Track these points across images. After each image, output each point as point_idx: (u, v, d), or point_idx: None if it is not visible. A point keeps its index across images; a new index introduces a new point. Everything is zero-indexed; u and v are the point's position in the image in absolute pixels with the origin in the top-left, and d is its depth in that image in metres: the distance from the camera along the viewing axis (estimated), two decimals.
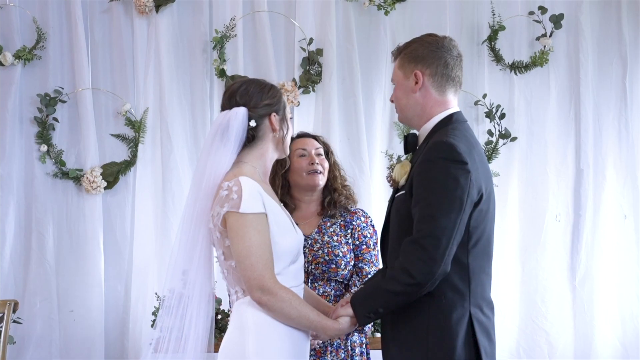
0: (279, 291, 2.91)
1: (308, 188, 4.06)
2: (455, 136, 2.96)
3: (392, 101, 3.21)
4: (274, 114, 3.09)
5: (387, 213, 3.20)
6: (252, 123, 3.05)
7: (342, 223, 4.07)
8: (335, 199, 4.08)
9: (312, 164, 4.04)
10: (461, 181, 2.88)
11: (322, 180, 4.06)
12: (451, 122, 3.07)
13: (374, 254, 4.02)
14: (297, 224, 3.91)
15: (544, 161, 5.62)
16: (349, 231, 4.05)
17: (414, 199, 2.93)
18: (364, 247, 4.03)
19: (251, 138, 3.07)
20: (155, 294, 5.21)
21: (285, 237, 3.03)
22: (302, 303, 2.98)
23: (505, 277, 5.49)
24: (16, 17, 5.61)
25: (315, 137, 4.19)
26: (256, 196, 2.95)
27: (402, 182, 3.07)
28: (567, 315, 5.55)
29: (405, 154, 3.19)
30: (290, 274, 3.05)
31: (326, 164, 4.10)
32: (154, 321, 5.14)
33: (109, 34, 5.69)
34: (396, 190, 3.14)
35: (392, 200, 3.16)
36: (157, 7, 5.57)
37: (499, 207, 5.48)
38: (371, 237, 4.06)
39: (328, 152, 4.17)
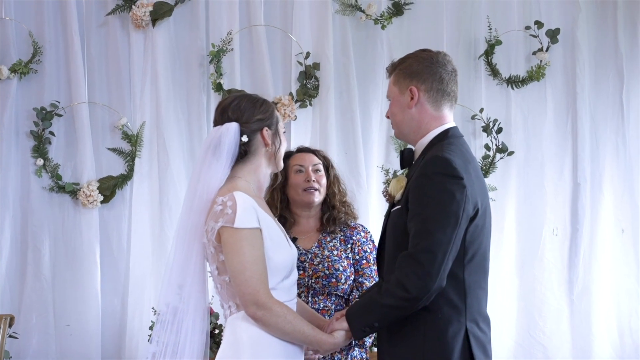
0: (274, 306, 2.91)
1: (304, 205, 4.05)
2: (451, 151, 2.96)
3: (388, 117, 3.21)
4: (266, 128, 3.09)
5: (383, 227, 3.21)
6: (244, 138, 3.05)
7: (342, 238, 4.05)
8: (334, 216, 4.06)
9: (308, 180, 4.02)
10: (457, 196, 2.87)
11: (317, 197, 4.04)
12: (447, 137, 3.06)
13: (374, 269, 3.99)
14: (296, 239, 3.91)
15: (541, 175, 5.63)
16: (349, 246, 4.04)
17: (410, 214, 2.93)
18: (364, 262, 4.01)
19: (244, 153, 3.07)
20: (152, 308, 5.19)
21: (279, 253, 3.02)
22: (297, 318, 2.98)
23: (502, 290, 5.48)
24: (12, 31, 5.60)
25: (315, 152, 4.16)
26: (250, 211, 2.95)
27: (398, 196, 3.07)
28: (564, 330, 5.54)
29: (402, 168, 3.20)
30: (283, 289, 3.04)
31: (323, 181, 4.07)
32: (150, 335, 5.12)
33: (105, 47, 5.68)
34: (392, 204, 3.14)
35: (388, 215, 3.16)
36: (154, 21, 5.57)
37: (496, 221, 5.50)
38: (371, 252, 4.04)
39: (328, 167, 4.14)
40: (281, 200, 4.05)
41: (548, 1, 5.63)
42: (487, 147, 5.56)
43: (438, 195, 2.87)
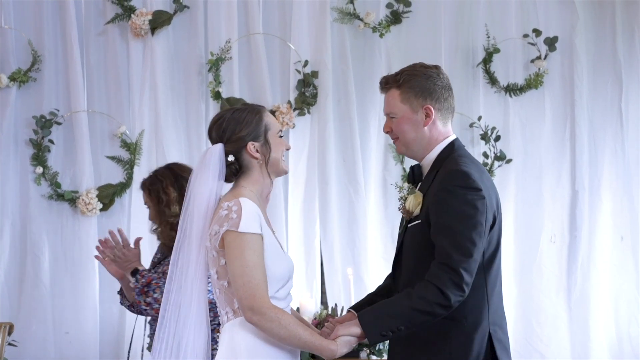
0: (268, 311, 2.92)
1: None
2: (466, 164, 3.04)
3: (387, 132, 3.23)
4: (251, 143, 3.10)
5: (399, 242, 3.24)
6: (230, 158, 3.09)
7: None
8: None
9: None
10: (479, 207, 2.95)
11: None
12: (454, 149, 3.14)
13: None
14: None
15: (540, 183, 5.64)
16: None
17: (435, 227, 2.99)
18: None
19: (236, 171, 3.11)
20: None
21: (277, 263, 3.05)
22: (293, 323, 2.97)
23: None
24: (11, 40, 5.62)
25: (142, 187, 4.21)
26: (255, 217, 2.98)
27: (416, 212, 3.11)
28: (562, 337, 5.54)
29: (413, 184, 3.22)
30: (279, 297, 3.06)
31: None
32: (150, 343, 5.13)
33: (104, 56, 5.70)
34: (409, 220, 3.17)
35: (404, 230, 3.19)
36: (153, 29, 5.59)
37: None
38: None
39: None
40: None
41: (546, 9, 5.64)
42: (485, 154, 5.57)
43: (462, 207, 2.95)
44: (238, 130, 3.10)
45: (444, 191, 2.99)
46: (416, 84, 3.13)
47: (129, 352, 4.91)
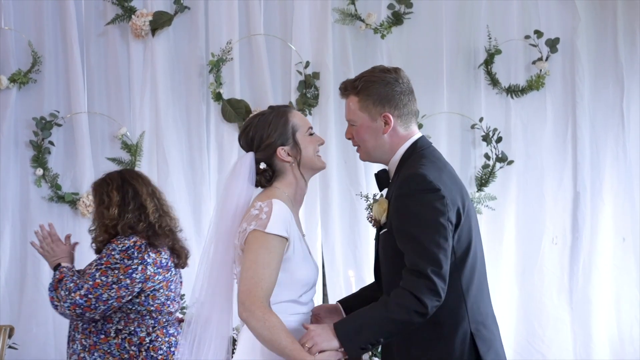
0: (256, 310, 2.92)
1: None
2: (423, 165, 3.00)
3: (349, 138, 3.21)
4: (280, 148, 3.12)
5: (375, 250, 3.22)
6: (262, 165, 3.14)
7: None
8: None
9: None
10: (439, 208, 2.92)
11: None
12: (416, 149, 3.11)
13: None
14: None
15: (541, 184, 5.63)
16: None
17: (399, 234, 2.96)
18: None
19: (269, 177, 3.15)
20: None
21: (304, 267, 3.09)
22: (279, 328, 2.92)
23: (502, 299, 5.48)
24: (12, 41, 5.60)
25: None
26: (283, 220, 3.01)
27: (383, 219, 3.09)
28: (564, 338, 5.54)
29: (380, 190, 3.21)
30: (302, 303, 3.10)
31: None
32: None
33: (104, 57, 5.69)
34: (379, 228, 3.15)
35: (378, 238, 3.18)
36: (153, 30, 5.57)
37: (495, 230, 5.54)
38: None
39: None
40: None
41: (547, 10, 5.64)
42: (486, 156, 5.57)
43: (422, 210, 2.92)
44: (265, 137, 3.13)
45: (401, 197, 2.96)
46: (374, 92, 3.09)
47: None
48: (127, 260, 3.86)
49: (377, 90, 3.08)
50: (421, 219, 2.91)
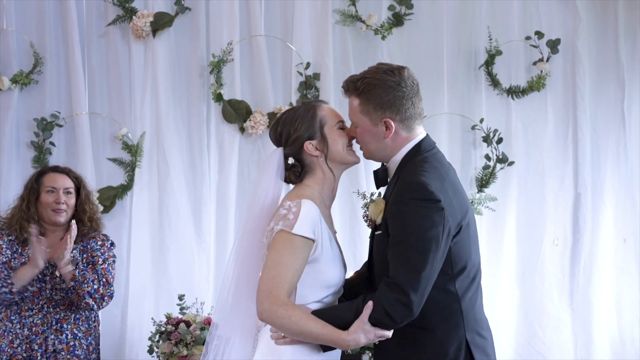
0: (278, 309, 2.92)
1: (51, 223, 4.52)
2: (425, 171, 2.95)
3: (352, 137, 3.17)
4: (307, 142, 3.11)
5: (369, 250, 3.21)
6: (290, 160, 3.14)
7: (81, 248, 4.55)
8: (80, 231, 4.50)
9: (58, 202, 4.50)
10: (436, 220, 2.86)
11: (64, 217, 4.52)
12: (419, 152, 3.06)
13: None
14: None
15: (542, 185, 5.63)
16: (85, 255, 4.53)
17: (390, 241, 2.93)
18: (91, 265, 4.49)
19: (299, 173, 3.14)
20: (152, 318, 5.19)
21: (332, 269, 3.07)
22: (304, 318, 2.94)
23: (502, 300, 5.48)
24: (13, 42, 5.61)
25: (68, 173, 4.62)
26: (311, 221, 2.99)
27: (378, 220, 3.06)
28: (564, 340, 5.53)
29: (377, 188, 3.19)
30: (327, 304, 3.09)
31: (72, 202, 4.54)
32: (150, 346, 5.13)
33: (106, 58, 5.69)
34: (374, 228, 3.13)
35: (372, 238, 3.16)
36: (154, 31, 5.58)
37: (496, 231, 5.53)
38: (102, 255, 4.52)
39: (79, 188, 4.60)
40: (31, 212, 4.48)
41: (548, 11, 5.64)
42: (487, 157, 5.56)
43: (416, 221, 2.87)
44: (293, 131, 3.13)
45: (400, 204, 2.91)
46: (375, 96, 3.02)
47: None
48: None
49: (379, 94, 3.02)
50: (414, 229, 2.86)
